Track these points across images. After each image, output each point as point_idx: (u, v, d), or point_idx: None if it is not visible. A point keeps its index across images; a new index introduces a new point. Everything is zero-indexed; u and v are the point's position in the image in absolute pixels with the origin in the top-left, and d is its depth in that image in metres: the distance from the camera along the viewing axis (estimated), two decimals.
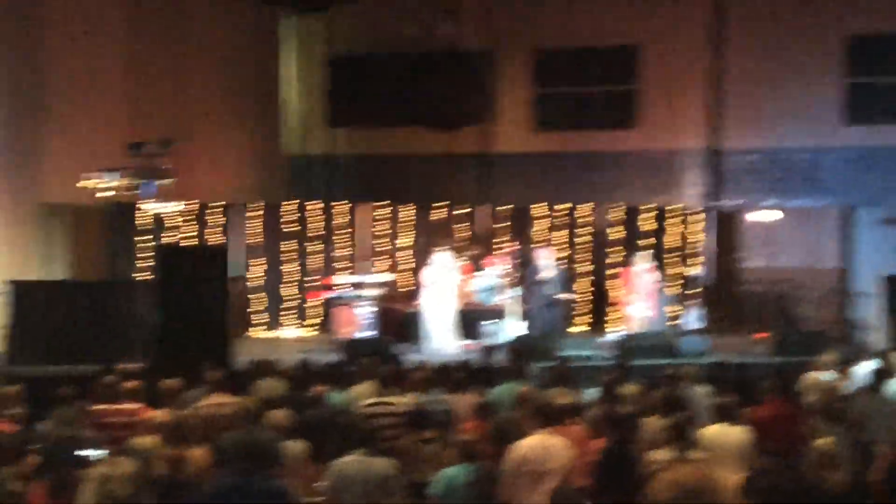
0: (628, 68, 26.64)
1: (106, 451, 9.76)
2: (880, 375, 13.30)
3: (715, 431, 10.55)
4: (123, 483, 4.31)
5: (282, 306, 23.71)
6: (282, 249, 23.82)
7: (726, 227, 25.66)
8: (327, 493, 8.96)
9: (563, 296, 21.24)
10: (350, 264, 23.78)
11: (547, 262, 20.96)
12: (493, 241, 24.36)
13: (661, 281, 22.48)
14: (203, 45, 25.70)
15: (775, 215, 25.16)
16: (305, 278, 23.68)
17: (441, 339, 20.00)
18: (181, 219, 23.17)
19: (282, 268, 23.77)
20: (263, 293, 23.64)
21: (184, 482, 8.62)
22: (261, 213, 23.90)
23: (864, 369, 14.47)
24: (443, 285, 20.22)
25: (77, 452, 9.69)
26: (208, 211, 23.52)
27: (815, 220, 25.46)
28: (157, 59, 24.89)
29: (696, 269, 24.61)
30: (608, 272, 24.43)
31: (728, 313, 25.05)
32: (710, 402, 12.19)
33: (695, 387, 13.22)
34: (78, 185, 20.01)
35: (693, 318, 23.17)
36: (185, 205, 23.09)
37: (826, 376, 14.39)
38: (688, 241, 24.84)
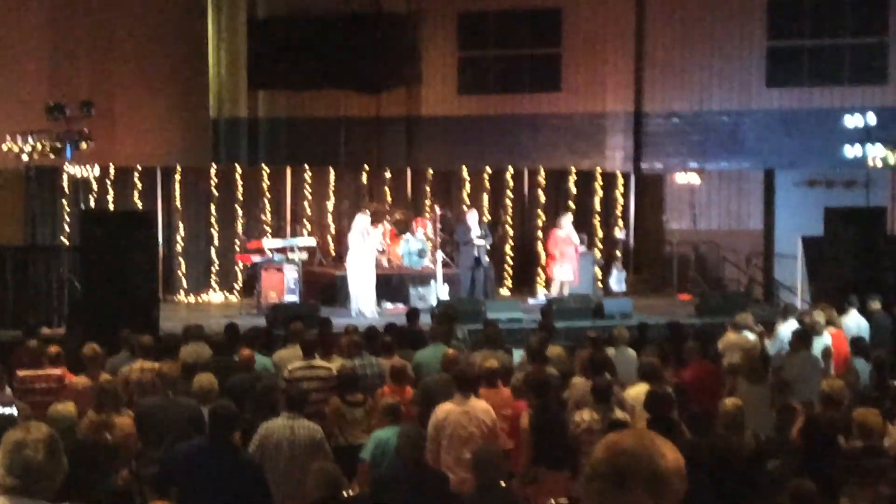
0: (553, 31, 26.64)
1: (13, 410, 9.69)
2: (801, 335, 13.50)
3: (638, 391, 10.67)
4: (37, 448, 4.27)
5: (207, 271, 23.53)
6: (206, 214, 23.62)
7: (649, 189, 25.88)
8: (257, 454, 8.94)
9: (488, 259, 21.31)
10: (275, 228, 23.65)
11: (474, 225, 21.00)
12: (420, 204, 24.36)
13: (586, 244, 22.63)
14: (126, 7, 25.33)
15: (697, 178, 25.39)
16: (231, 243, 23.49)
17: (367, 303, 19.98)
18: (104, 183, 22.88)
19: (207, 232, 23.57)
20: (188, 258, 23.44)
21: (107, 446, 8.57)
22: (186, 176, 23.67)
23: (786, 329, 14.70)
24: (367, 248, 20.17)
25: None
26: (131, 174, 23.25)
27: (737, 182, 25.73)
28: (79, 22, 24.54)
29: (619, 232, 24.80)
30: (533, 235, 24.54)
31: (651, 275, 25.31)
32: (635, 363, 12.32)
33: (622, 348, 13.35)
34: (3, 148, 19.68)
35: (617, 280, 23.38)
36: (108, 168, 22.81)
37: (743, 336, 14.58)
38: (612, 204, 25.03)
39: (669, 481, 3.12)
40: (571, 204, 24.34)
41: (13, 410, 9.83)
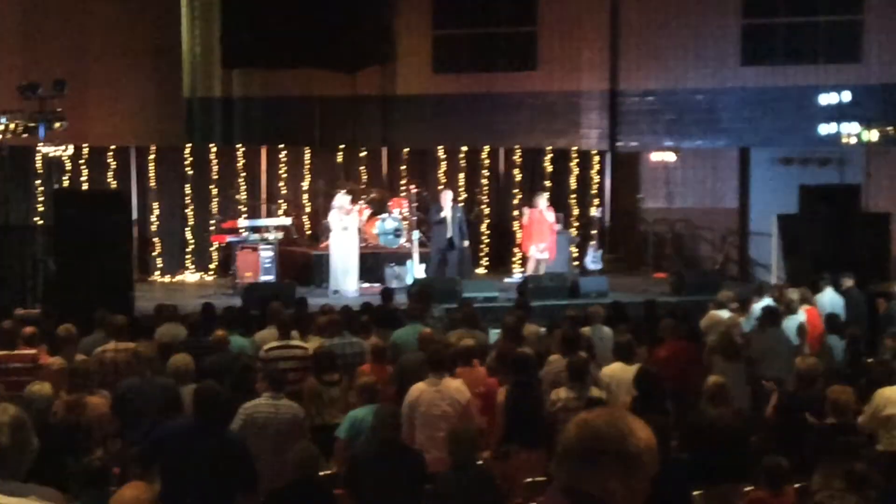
0: (528, 10, 26.61)
1: None
2: (770, 313, 13.55)
3: (613, 370, 10.72)
4: (1, 431, 4.24)
5: (182, 251, 23.45)
6: (181, 194, 23.51)
7: (625, 168, 25.91)
8: (240, 436, 8.94)
9: (464, 238, 21.28)
10: (250, 208, 23.57)
11: (448, 204, 20.97)
12: (395, 183, 24.32)
13: (562, 222, 22.65)
14: None
15: (673, 156, 25.44)
16: (206, 223, 23.40)
17: (344, 282, 19.97)
18: (78, 162, 22.76)
19: (181, 212, 23.48)
20: (163, 238, 23.35)
21: (80, 426, 8.55)
22: (160, 156, 23.55)
23: (760, 307, 14.75)
24: (346, 228, 20.13)
25: None
26: (105, 154, 23.13)
27: (712, 160, 25.79)
28: (52, 1, 24.35)
29: (595, 211, 24.83)
30: (509, 214, 24.55)
31: (627, 254, 25.37)
32: (611, 341, 12.36)
33: (598, 326, 13.38)
34: None
35: (593, 259, 23.42)
36: (82, 148, 22.69)
37: (724, 314, 14.65)
38: (587, 182, 25.05)
39: (641, 460, 3.13)
40: (547, 183, 24.35)
41: None
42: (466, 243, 21.34)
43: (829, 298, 15.84)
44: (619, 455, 3.12)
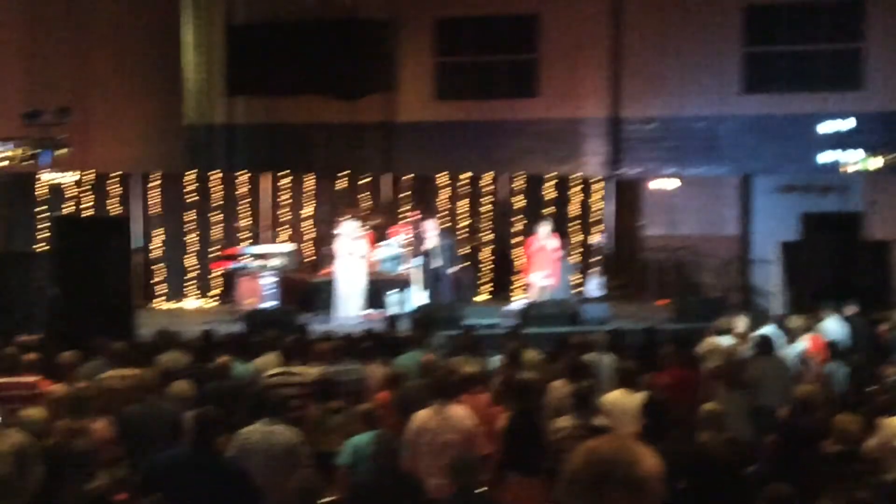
0: (529, 37, 26.72)
1: None
2: (762, 341, 13.52)
3: (615, 397, 10.68)
4: (4, 461, 4.20)
5: (184, 277, 23.46)
6: (183, 220, 23.54)
7: (627, 195, 25.91)
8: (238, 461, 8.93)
9: (452, 266, 21.21)
10: (252, 235, 23.59)
11: (433, 233, 20.90)
12: (397, 210, 24.33)
13: (563, 249, 22.64)
14: (102, 12, 25.30)
15: (674, 183, 25.44)
16: (208, 249, 23.42)
17: (347, 309, 19.96)
18: (80, 189, 22.79)
19: (183, 239, 23.50)
20: (165, 264, 23.36)
21: (80, 453, 8.52)
22: (163, 183, 23.59)
23: (757, 335, 14.73)
24: (351, 254, 20.13)
25: None
26: (108, 181, 23.17)
27: (714, 187, 25.80)
28: (56, 27, 24.47)
29: (597, 238, 24.83)
30: (511, 241, 24.56)
31: (629, 281, 25.35)
32: (612, 368, 12.33)
33: (598, 354, 13.35)
34: None
35: (595, 286, 23.41)
36: (84, 175, 22.73)
37: (725, 341, 14.63)
38: (589, 209, 25.06)
39: (647, 487, 3.13)
40: (548, 210, 24.36)
41: None
42: (452, 270, 21.21)
43: (833, 326, 15.80)
44: (625, 482, 3.11)
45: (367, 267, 20.52)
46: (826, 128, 22.33)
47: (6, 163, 19.69)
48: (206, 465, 7.88)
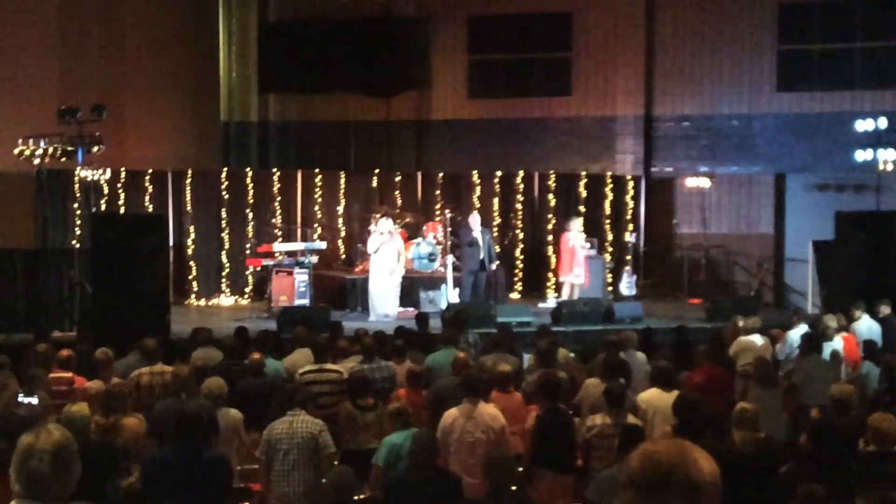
0: (563, 36, 26.67)
1: (34, 399, 9.89)
2: (811, 339, 13.49)
3: (650, 396, 10.66)
4: (42, 459, 4.21)
5: (218, 275, 23.54)
6: (217, 217, 23.61)
7: (660, 193, 25.85)
8: (263, 455, 9.03)
9: (493, 261, 21.28)
10: (286, 232, 23.64)
11: (477, 227, 20.94)
12: (430, 208, 24.34)
13: (596, 247, 22.62)
14: (137, 10, 25.39)
15: (708, 182, 25.35)
16: (241, 246, 23.49)
17: (381, 307, 19.98)
18: (114, 186, 22.90)
19: (218, 236, 23.57)
20: (199, 261, 23.43)
21: (116, 450, 8.58)
22: (196, 180, 23.68)
23: (796, 334, 14.69)
24: (386, 252, 20.16)
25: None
26: (143, 178, 23.27)
27: (748, 186, 25.70)
28: (91, 26, 24.58)
29: (630, 236, 24.78)
30: (544, 239, 24.55)
31: (662, 279, 25.29)
32: (647, 367, 12.31)
33: (632, 352, 13.34)
34: (14, 151, 19.68)
35: (627, 284, 23.35)
36: (119, 172, 22.83)
37: (758, 340, 14.59)
38: (622, 208, 25.02)
39: (705, 491, 3.12)
40: (582, 208, 24.34)
41: (34, 400, 10.05)
42: (494, 266, 21.35)
43: (867, 325, 15.73)
44: (683, 486, 3.10)
45: (401, 265, 20.53)
46: (861, 126, 22.18)
47: (41, 160, 19.79)
48: (191, 460, 7.93)
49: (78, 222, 22.37)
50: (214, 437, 9.19)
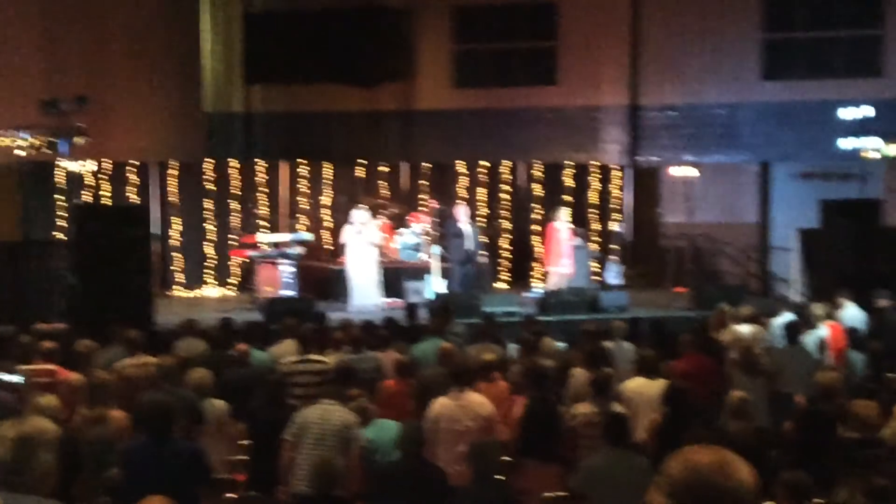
0: (548, 25, 26.64)
1: (20, 378, 9.91)
2: (790, 327, 13.49)
3: (636, 385, 10.66)
4: (4, 444, 4.20)
5: (202, 266, 23.49)
6: (201, 208, 23.55)
7: (645, 183, 25.85)
8: (290, 441, 8.96)
9: (480, 252, 21.27)
10: (271, 223, 23.60)
11: (464, 218, 20.93)
12: (415, 198, 24.32)
13: (582, 237, 22.62)
14: (120, 1, 25.30)
15: (693, 171, 25.37)
16: (226, 237, 23.44)
17: (364, 297, 19.96)
18: (98, 178, 22.83)
19: (202, 227, 23.51)
20: (183, 252, 23.39)
21: (101, 441, 8.55)
22: (180, 171, 23.61)
23: (780, 322, 14.69)
24: (364, 242, 20.14)
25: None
26: (126, 169, 23.20)
27: (733, 175, 25.72)
28: (73, 16, 24.50)
29: (616, 225, 24.78)
30: (529, 229, 24.54)
31: (648, 268, 25.30)
32: (632, 356, 12.31)
33: (617, 341, 13.34)
34: None
35: (613, 274, 23.37)
36: (102, 163, 22.77)
37: (744, 329, 14.58)
38: (608, 197, 25.02)
39: (743, 500, 3.11)
40: (567, 198, 24.33)
41: (20, 379, 10.23)
42: (479, 257, 21.35)
43: (851, 314, 15.74)
44: (722, 496, 3.09)
45: (378, 255, 20.49)
46: (845, 114, 22.23)
47: (25, 152, 19.73)
48: (160, 451, 7.89)
49: (61, 214, 22.29)
50: (198, 428, 9.15)
